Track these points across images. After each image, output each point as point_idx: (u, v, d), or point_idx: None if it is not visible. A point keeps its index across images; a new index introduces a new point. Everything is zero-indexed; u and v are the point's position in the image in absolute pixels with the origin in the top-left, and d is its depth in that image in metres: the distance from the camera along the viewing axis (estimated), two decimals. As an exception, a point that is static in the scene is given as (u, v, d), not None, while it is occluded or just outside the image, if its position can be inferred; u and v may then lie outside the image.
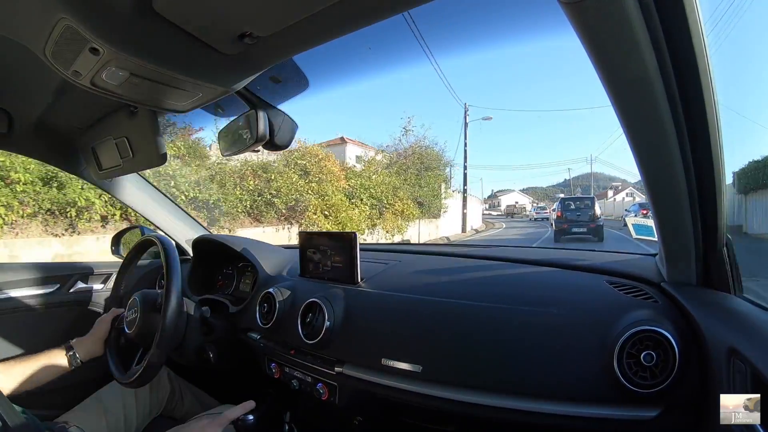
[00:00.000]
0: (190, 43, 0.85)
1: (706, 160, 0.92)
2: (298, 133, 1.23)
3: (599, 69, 0.75)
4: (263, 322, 1.64)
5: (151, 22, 0.78)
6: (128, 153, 1.36)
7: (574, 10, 0.65)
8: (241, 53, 0.91)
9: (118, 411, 1.53)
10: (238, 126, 1.24)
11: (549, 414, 1.08)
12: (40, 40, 0.81)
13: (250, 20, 0.80)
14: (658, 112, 0.81)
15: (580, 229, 19.99)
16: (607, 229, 19.45)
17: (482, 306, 1.28)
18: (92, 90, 0.93)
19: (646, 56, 0.72)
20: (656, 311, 1.09)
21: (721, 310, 1.00)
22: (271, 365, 1.66)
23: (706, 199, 0.97)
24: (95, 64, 0.83)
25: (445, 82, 26.88)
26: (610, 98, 0.81)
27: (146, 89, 0.95)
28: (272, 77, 1.26)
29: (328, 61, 1.21)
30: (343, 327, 1.45)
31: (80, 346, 1.49)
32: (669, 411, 0.99)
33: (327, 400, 1.47)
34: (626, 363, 1.00)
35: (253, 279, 1.97)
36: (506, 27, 2.08)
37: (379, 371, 1.33)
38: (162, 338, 1.37)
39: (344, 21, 0.83)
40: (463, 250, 2.02)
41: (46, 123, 1.47)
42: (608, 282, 1.29)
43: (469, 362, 1.21)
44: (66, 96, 1.27)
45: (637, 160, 0.93)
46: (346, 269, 1.61)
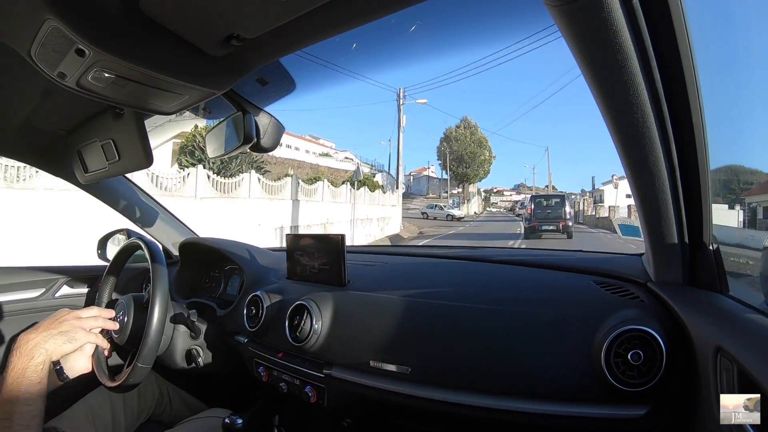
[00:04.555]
0: (177, 44, 0.84)
1: (692, 161, 0.93)
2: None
3: (585, 71, 0.76)
4: (251, 325, 1.64)
5: (137, 23, 0.77)
6: (114, 156, 1.35)
7: (560, 13, 0.66)
8: (228, 55, 0.91)
9: (107, 416, 1.52)
10: (225, 128, 1.24)
11: (537, 413, 1.09)
12: (25, 41, 0.80)
13: (237, 22, 0.80)
14: (644, 114, 0.82)
15: (550, 227, 20.34)
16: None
17: (470, 307, 1.28)
18: (78, 92, 0.92)
19: (631, 58, 0.72)
20: (643, 310, 1.10)
21: (707, 309, 1.01)
22: (259, 368, 1.65)
23: (692, 199, 0.99)
24: (81, 65, 0.82)
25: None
26: (595, 99, 0.82)
27: (133, 91, 0.95)
28: (259, 79, 1.25)
29: (315, 63, 1.21)
30: (331, 329, 1.45)
31: (67, 362, 1.46)
32: (656, 409, 1.00)
33: (316, 403, 1.46)
34: (614, 362, 1.01)
35: (240, 282, 1.96)
36: (493, 28, 2.07)
37: (367, 373, 1.33)
38: (149, 342, 1.35)
39: (331, 23, 0.83)
40: (451, 252, 2.03)
41: (32, 125, 1.46)
42: (595, 282, 1.31)
43: (458, 363, 1.21)
44: (51, 98, 1.26)
45: (622, 160, 0.94)
46: (334, 271, 1.61)
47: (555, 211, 20.77)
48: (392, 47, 1.21)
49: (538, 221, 20.73)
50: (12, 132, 1.48)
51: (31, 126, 1.46)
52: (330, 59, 1.22)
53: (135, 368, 1.34)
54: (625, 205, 38.25)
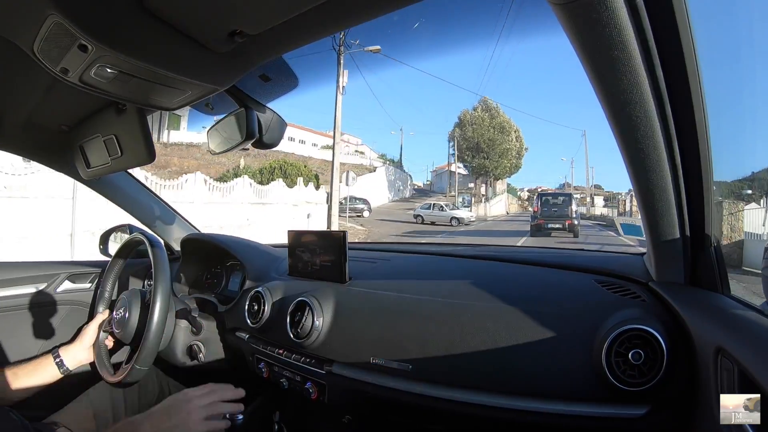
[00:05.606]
0: (180, 40, 0.84)
1: (694, 161, 0.93)
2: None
3: (589, 70, 0.76)
4: (252, 322, 1.64)
5: (140, 19, 0.77)
6: (117, 151, 1.35)
7: (564, 12, 0.66)
8: (231, 51, 0.91)
9: (107, 411, 1.52)
10: (228, 124, 1.24)
11: (538, 412, 1.09)
12: (28, 36, 0.80)
13: (241, 18, 0.80)
14: (646, 113, 0.82)
15: (556, 225, 20.28)
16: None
17: (471, 305, 1.28)
18: (81, 87, 0.92)
19: (634, 56, 0.72)
20: (644, 310, 1.10)
21: (708, 309, 1.01)
22: (260, 365, 1.66)
23: (694, 199, 0.99)
24: (84, 61, 0.82)
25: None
26: (598, 97, 0.82)
27: (135, 87, 0.95)
28: (262, 75, 1.25)
29: (318, 59, 1.21)
30: (332, 326, 1.45)
31: (67, 353, 1.47)
32: (657, 409, 1.00)
33: (316, 400, 1.46)
34: (614, 361, 1.01)
35: (241, 278, 1.96)
36: (498, 26, 2.03)
37: (368, 370, 1.33)
38: (148, 345, 1.36)
39: (334, 19, 0.83)
40: (453, 249, 2.03)
41: (35, 121, 1.46)
42: (597, 281, 1.30)
43: (458, 361, 1.21)
44: (54, 93, 1.26)
45: (625, 160, 0.93)
46: (335, 268, 1.61)
47: (561, 210, 20.73)
48: (395, 43, 1.20)
49: (544, 219, 20.68)
50: (15, 127, 1.48)
51: (34, 122, 1.46)
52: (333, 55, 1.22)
53: (133, 370, 1.35)
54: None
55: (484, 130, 47.75)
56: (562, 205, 20.95)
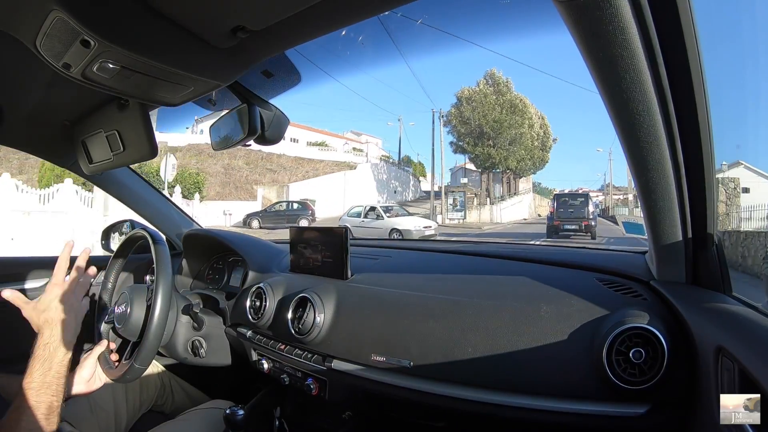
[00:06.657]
0: (183, 36, 0.84)
1: (696, 160, 0.92)
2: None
3: (592, 67, 0.76)
4: (253, 317, 1.64)
5: (143, 14, 0.77)
6: (119, 147, 1.35)
7: (567, 9, 0.65)
8: (234, 47, 0.91)
9: (108, 406, 1.52)
10: (230, 120, 1.24)
11: (538, 410, 1.09)
12: (31, 31, 0.80)
13: (244, 14, 0.80)
14: (649, 111, 0.81)
15: (572, 226, 20.00)
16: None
17: (473, 302, 1.28)
18: (83, 83, 0.92)
19: (637, 54, 0.72)
20: (646, 309, 1.09)
21: (709, 308, 1.00)
22: (261, 360, 1.66)
23: (696, 198, 0.98)
24: (86, 56, 0.82)
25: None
26: (601, 95, 0.82)
27: (138, 82, 0.95)
28: (264, 71, 1.25)
29: (321, 55, 1.21)
30: (334, 322, 1.46)
31: None
32: (658, 408, 1.00)
33: (317, 396, 1.47)
34: (615, 360, 1.01)
35: (243, 274, 1.97)
36: (501, 23, 2.05)
37: (369, 366, 1.33)
38: (148, 345, 1.36)
39: (337, 15, 0.83)
40: (455, 246, 2.03)
41: (37, 116, 1.46)
42: (598, 279, 1.30)
43: (459, 358, 1.21)
44: (56, 89, 1.26)
45: (628, 158, 0.93)
46: (337, 264, 1.61)
47: (578, 210, 20.42)
48: (399, 40, 1.20)
49: (561, 220, 20.42)
50: (17, 123, 1.48)
51: (36, 117, 1.47)
52: (336, 52, 1.22)
53: (132, 368, 1.35)
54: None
55: (488, 110, 35.86)
56: (579, 206, 20.65)
